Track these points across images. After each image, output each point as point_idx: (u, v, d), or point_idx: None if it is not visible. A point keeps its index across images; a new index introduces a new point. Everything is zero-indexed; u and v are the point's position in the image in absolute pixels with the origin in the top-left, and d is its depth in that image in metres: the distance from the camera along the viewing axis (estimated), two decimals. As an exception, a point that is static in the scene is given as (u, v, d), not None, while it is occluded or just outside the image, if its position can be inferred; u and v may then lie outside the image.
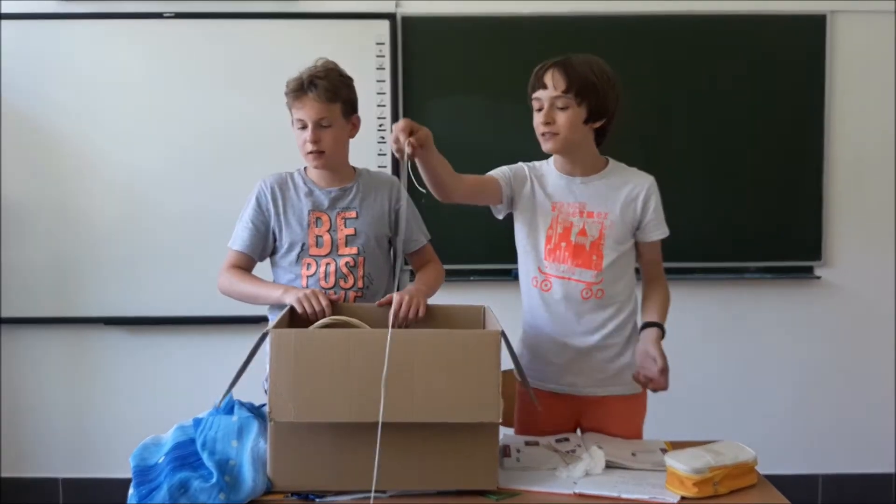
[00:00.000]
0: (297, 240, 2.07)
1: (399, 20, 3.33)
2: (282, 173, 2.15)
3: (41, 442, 3.50)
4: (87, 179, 3.37)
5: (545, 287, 1.99)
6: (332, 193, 2.10)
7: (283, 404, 1.55)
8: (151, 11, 3.33)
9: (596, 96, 1.91)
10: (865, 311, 3.50)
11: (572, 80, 1.89)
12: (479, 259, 3.38)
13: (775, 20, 3.36)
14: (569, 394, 2.01)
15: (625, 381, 1.99)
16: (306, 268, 2.07)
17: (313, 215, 2.08)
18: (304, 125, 2.03)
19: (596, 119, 1.94)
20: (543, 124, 1.92)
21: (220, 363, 3.26)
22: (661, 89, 3.39)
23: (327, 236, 2.07)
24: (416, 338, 1.59)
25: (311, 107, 2.02)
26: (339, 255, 2.07)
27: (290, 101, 2.05)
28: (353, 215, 2.09)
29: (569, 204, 1.99)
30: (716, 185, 3.42)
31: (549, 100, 1.91)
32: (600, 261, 1.96)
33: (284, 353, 1.56)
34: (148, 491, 1.56)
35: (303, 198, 2.09)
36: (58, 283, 3.39)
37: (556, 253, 1.98)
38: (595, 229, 1.97)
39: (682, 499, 1.58)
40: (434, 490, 1.60)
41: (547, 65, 1.93)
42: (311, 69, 2.04)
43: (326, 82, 2.01)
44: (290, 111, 2.08)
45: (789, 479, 3.22)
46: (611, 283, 1.98)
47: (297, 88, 2.03)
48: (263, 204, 2.10)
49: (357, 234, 2.08)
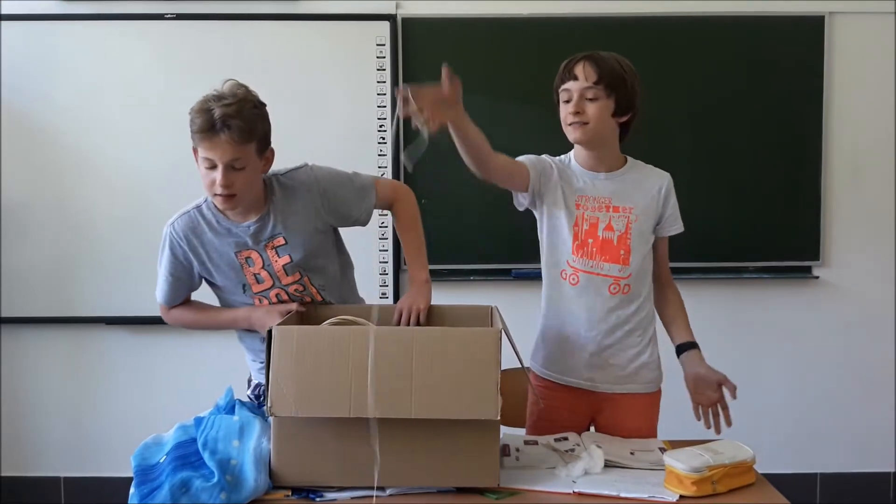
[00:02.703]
0: (236, 282, 1.95)
1: (399, 21, 3.34)
2: (189, 212, 1.95)
3: (42, 441, 3.50)
4: (88, 179, 3.38)
5: (573, 281, 2.00)
6: (251, 228, 1.92)
7: (284, 399, 1.56)
8: (152, 12, 3.33)
9: (625, 89, 1.94)
10: (864, 310, 3.51)
11: (603, 71, 1.91)
12: (479, 259, 3.38)
13: (774, 21, 3.37)
14: (587, 389, 2.02)
15: (643, 380, 2.02)
16: (258, 301, 1.97)
17: (241, 256, 1.93)
18: (213, 165, 1.81)
19: (623, 113, 1.96)
20: (573, 114, 1.93)
21: (221, 363, 3.29)
22: (661, 90, 3.39)
23: (264, 272, 1.94)
24: (417, 335, 1.60)
25: (224, 150, 1.79)
26: (284, 286, 1.96)
27: (198, 140, 1.81)
28: (281, 242, 1.93)
29: (594, 199, 2.00)
30: (715, 185, 3.42)
31: (580, 91, 1.92)
32: (628, 255, 1.98)
33: (286, 349, 1.57)
34: (149, 490, 1.57)
35: (223, 239, 1.93)
36: (58, 283, 3.40)
37: (584, 248, 1.98)
38: (622, 223, 1.98)
39: (681, 498, 1.58)
40: (435, 487, 1.61)
41: (577, 57, 1.95)
42: (221, 103, 1.78)
43: (241, 121, 1.78)
44: (194, 144, 1.84)
45: (787, 477, 3.23)
46: (637, 279, 2.00)
47: (207, 129, 1.78)
48: (181, 254, 1.95)
49: (293, 260, 1.94)
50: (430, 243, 2.26)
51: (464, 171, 2.08)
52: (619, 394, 2.01)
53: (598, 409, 2.03)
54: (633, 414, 2.01)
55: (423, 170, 2.21)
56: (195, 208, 1.96)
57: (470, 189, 3.24)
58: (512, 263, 3.35)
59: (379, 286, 3.40)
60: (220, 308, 2.05)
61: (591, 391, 2.02)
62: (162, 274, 2.00)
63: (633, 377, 2.02)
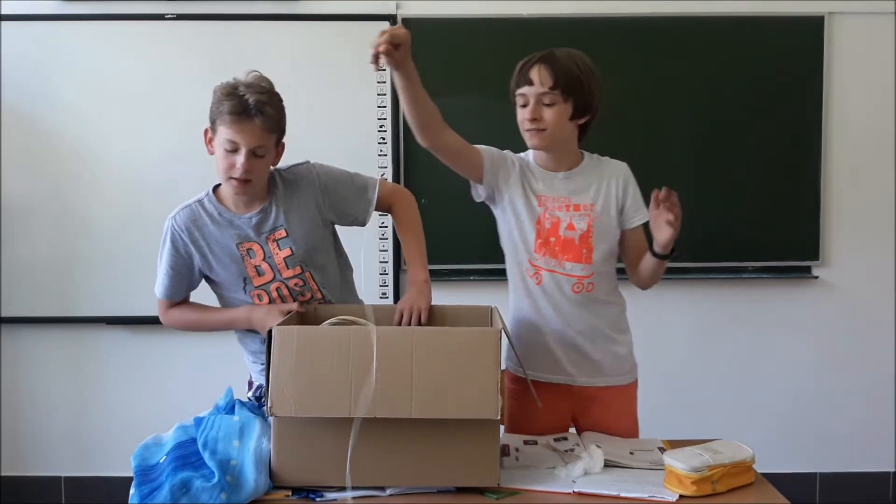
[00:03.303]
0: (237, 275, 1.95)
1: (399, 21, 3.34)
2: (190, 205, 1.97)
3: (43, 441, 3.51)
4: (88, 179, 3.38)
5: (537, 280, 1.99)
6: (254, 219, 1.94)
7: (284, 400, 1.56)
8: (152, 13, 3.34)
9: (582, 92, 1.91)
10: (863, 310, 3.51)
11: (559, 75, 1.88)
12: (479, 259, 3.38)
13: (774, 22, 3.37)
14: (565, 384, 2.01)
15: (619, 371, 2.03)
16: (258, 299, 1.97)
17: (243, 248, 1.94)
18: (236, 149, 1.85)
19: (581, 115, 1.94)
20: (530, 121, 1.91)
21: (221, 363, 3.28)
22: (660, 90, 3.40)
23: (265, 265, 1.94)
24: (417, 335, 1.60)
25: (252, 135, 1.83)
26: (285, 279, 1.96)
27: (227, 121, 1.83)
28: (282, 235, 1.94)
29: (554, 199, 1.98)
30: (714, 185, 3.42)
31: (536, 96, 1.90)
32: (590, 254, 1.97)
33: (286, 349, 1.57)
34: (149, 491, 1.57)
35: (224, 231, 1.94)
36: (58, 283, 3.40)
37: (547, 247, 1.97)
38: (583, 222, 1.97)
39: (681, 497, 1.59)
40: (435, 487, 1.61)
41: (532, 60, 1.91)
42: (252, 90, 1.84)
43: (272, 110, 1.85)
44: (212, 128, 1.88)
45: (787, 477, 3.24)
46: (601, 277, 1.98)
47: (239, 112, 1.82)
48: (181, 248, 1.95)
49: (294, 253, 1.95)
50: (430, 243, 2.26)
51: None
52: (597, 387, 2.01)
53: (578, 405, 2.02)
54: (613, 408, 2.01)
55: (423, 169, 2.21)
56: (196, 202, 1.98)
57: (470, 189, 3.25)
58: (512, 263, 3.35)
59: (379, 286, 3.41)
60: (219, 308, 2.04)
61: (569, 386, 2.01)
62: (162, 268, 1.99)
63: (609, 370, 2.02)
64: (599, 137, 2.04)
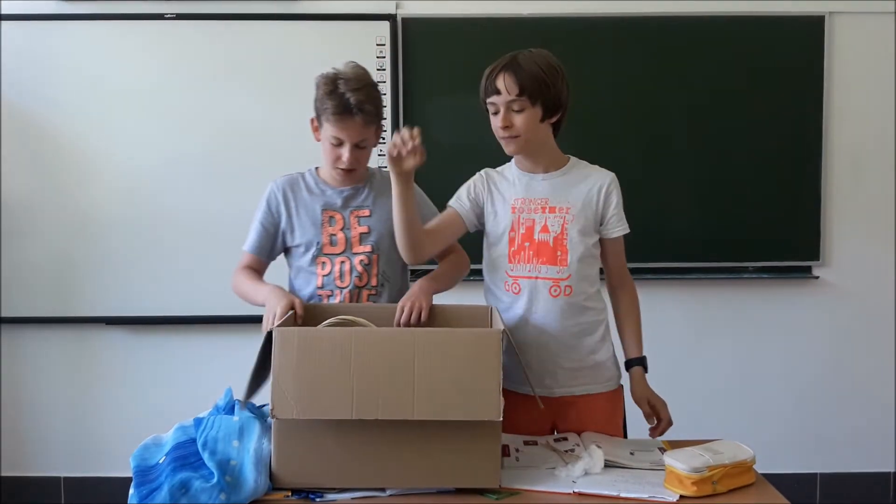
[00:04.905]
0: (312, 239, 2.07)
1: (399, 21, 3.34)
2: (293, 174, 2.14)
3: (42, 441, 3.51)
4: (88, 179, 3.38)
5: (515, 290, 1.98)
6: (345, 193, 2.10)
7: (286, 402, 1.55)
8: (152, 12, 3.33)
9: (549, 93, 1.92)
10: (863, 310, 3.51)
11: (525, 81, 1.89)
12: (479, 259, 3.38)
13: (774, 21, 3.37)
14: (543, 396, 1.94)
15: (600, 379, 2.00)
16: (321, 266, 2.07)
17: (326, 214, 2.08)
18: (341, 143, 2.00)
19: (552, 114, 1.95)
20: (502, 128, 1.93)
21: (221, 363, 3.29)
22: (660, 90, 3.40)
23: (341, 234, 2.06)
24: (418, 336, 1.59)
25: (355, 131, 1.98)
26: (354, 254, 2.06)
27: (332, 120, 1.97)
28: (366, 213, 2.09)
29: (531, 200, 1.98)
30: (714, 185, 3.42)
31: (505, 104, 1.92)
32: (565, 256, 1.95)
33: (287, 351, 1.57)
34: (148, 491, 1.56)
35: (315, 197, 2.09)
36: (58, 283, 3.40)
37: (521, 254, 1.97)
38: (557, 224, 1.96)
39: (681, 498, 1.58)
40: (435, 488, 1.61)
41: (497, 68, 1.94)
42: (351, 87, 1.96)
43: (371, 105, 1.98)
44: (318, 120, 2.03)
45: (787, 477, 3.24)
46: (579, 281, 1.96)
47: (342, 111, 1.96)
48: (273, 206, 2.10)
49: (371, 232, 2.07)
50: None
51: (464, 170, 2.08)
52: (577, 396, 1.99)
53: (557, 413, 1.99)
54: (594, 415, 1.97)
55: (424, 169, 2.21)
56: (299, 173, 2.15)
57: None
58: (512, 263, 3.35)
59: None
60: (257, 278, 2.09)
61: (547, 398, 1.95)
62: (254, 224, 2.12)
63: (588, 377, 2.00)
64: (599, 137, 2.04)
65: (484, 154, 2.35)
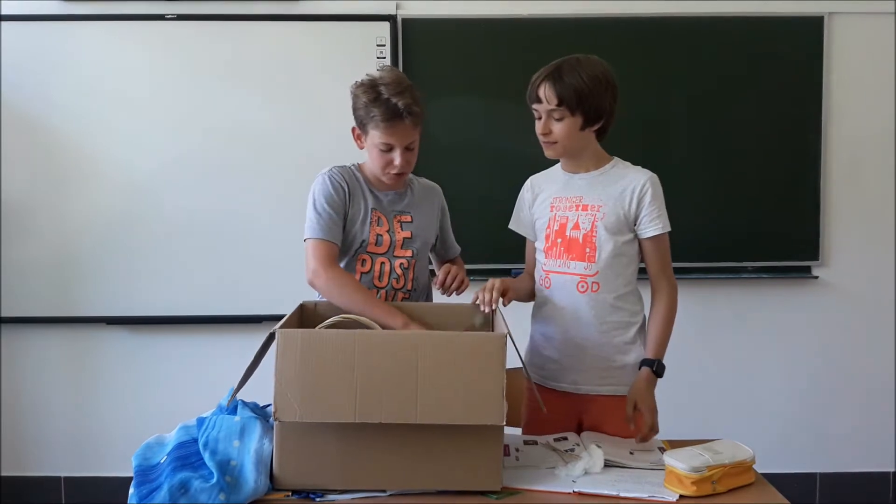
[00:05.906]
0: (359, 235, 2.06)
1: (399, 21, 3.34)
2: (344, 166, 2.11)
3: (42, 441, 3.51)
4: (88, 179, 3.38)
5: (547, 285, 2.03)
6: (389, 196, 2.11)
7: (289, 404, 1.56)
8: (153, 13, 3.33)
9: (589, 103, 1.94)
10: (863, 310, 3.51)
11: (564, 93, 1.92)
12: (479, 259, 3.38)
13: (773, 22, 3.37)
14: (570, 392, 2.02)
15: (626, 381, 1.99)
16: (361, 264, 2.07)
17: (375, 214, 2.08)
18: (391, 148, 2.00)
19: (593, 123, 1.97)
20: (542, 134, 1.98)
21: (221, 363, 3.29)
22: (660, 90, 3.40)
23: (387, 236, 2.08)
24: (421, 339, 1.59)
25: (405, 135, 1.99)
26: (395, 257, 2.08)
27: (381, 126, 1.96)
28: (408, 219, 2.11)
29: (567, 199, 2.03)
30: (714, 185, 3.43)
31: (546, 112, 1.96)
32: (594, 253, 1.98)
33: (290, 353, 1.57)
34: (148, 491, 1.57)
35: (366, 195, 2.09)
36: (58, 283, 3.40)
37: (553, 249, 2.02)
38: (587, 222, 1.99)
39: (681, 497, 1.59)
40: (435, 489, 1.61)
41: (539, 78, 1.96)
42: (396, 91, 1.95)
43: (418, 107, 1.99)
44: (361, 128, 2.02)
45: (787, 477, 3.24)
46: (609, 278, 1.98)
47: (391, 117, 1.95)
48: (340, 192, 2.04)
49: (413, 238, 2.10)
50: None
51: (464, 170, 2.08)
52: (601, 395, 2.00)
53: (583, 410, 2.02)
54: (617, 416, 1.96)
55: (424, 170, 2.21)
56: (348, 167, 2.12)
57: (470, 189, 3.25)
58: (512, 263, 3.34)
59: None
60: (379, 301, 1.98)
61: (574, 393, 2.01)
62: (321, 211, 2.01)
63: (616, 378, 2.00)
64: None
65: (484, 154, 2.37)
